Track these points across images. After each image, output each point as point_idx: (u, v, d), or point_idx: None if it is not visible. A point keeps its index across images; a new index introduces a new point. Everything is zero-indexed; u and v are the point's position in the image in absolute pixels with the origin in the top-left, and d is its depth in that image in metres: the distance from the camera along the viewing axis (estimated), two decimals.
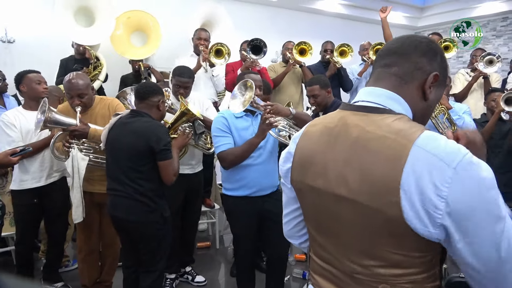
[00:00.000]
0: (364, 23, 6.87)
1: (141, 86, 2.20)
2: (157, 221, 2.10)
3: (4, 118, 2.44)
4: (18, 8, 4.16)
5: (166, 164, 2.07)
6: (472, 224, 0.72)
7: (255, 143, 2.15)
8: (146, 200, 2.05)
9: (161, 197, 2.13)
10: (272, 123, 2.09)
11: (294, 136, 1.03)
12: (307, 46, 4.06)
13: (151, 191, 2.07)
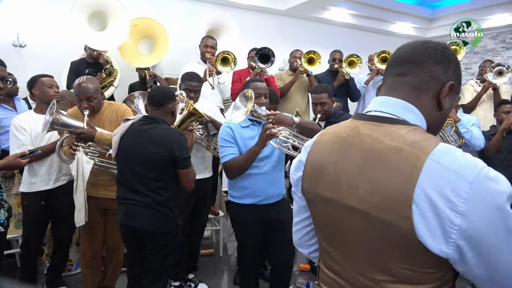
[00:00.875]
0: (372, 33, 6.89)
1: (156, 92, 2.12)
2: (172, 230, 2.09)
3: (15, 122, 2.50)
4: (30, 13, 4.23)
5: (187, 172, 2.06)
6: (490, 240, 0.70)
7: (255, 151, 2.14)
8: (164, 209, 2.03)
9: (176, 206, 2.12)
10: (272, 134, 2.07)
11: (305, 144, 1.02)
12: (316, 56, 4.07)
13: (170, 200, 2.05)
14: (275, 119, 2.15)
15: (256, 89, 2.26)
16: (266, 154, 2.22)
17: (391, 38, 7.04)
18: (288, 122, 2.22)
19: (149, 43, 4.50)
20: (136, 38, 4.30)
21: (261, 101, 2.26)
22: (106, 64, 3.87)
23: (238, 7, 5.52)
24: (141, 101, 3.10)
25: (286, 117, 2.23)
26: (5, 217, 1.89)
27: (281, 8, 5.72)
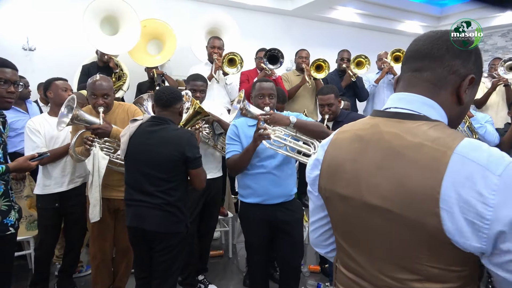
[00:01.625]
0: (380, 33, 6.85)
1: (163, 93, 2.10)
2: (182, 231, 2.08)
3: (30, 125, 2.54)
4: (39, 17, 4.29)
5: (199, 172, 2.06)
6: None
7: (249, 150, 2.14)
8: (175, 210, 2.01)
9: (186, 207, 2.12)
10: (263, 135, 2.06)
11: (322, 142, 1.00)
12: (324, 64, 4.03)
13: (180, 201, 2.04)
14: (270, 119, 2.12)
15: (261, 89, 2.26)
16: (270, 154, 2.20)
17: (399, 37, 6.99)
18: (284, 122, 2.17)
19: (157, 44, 4.54)
20: (145, 39, 4.33)
21: (265, 102, 2.24)
22: (116, 68, 3.91)
23: (245, 7, 5.53)
24: (150, 103, 3.10)
25: (281, 117, 2.17)
26: (15, 219, 1.90)
27: (288, 8, 5.72)
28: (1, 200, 1.83)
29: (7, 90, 1.75)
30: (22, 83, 1.91)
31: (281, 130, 2.19)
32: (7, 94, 1.76)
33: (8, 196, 1.87)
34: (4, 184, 1.85)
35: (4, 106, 1.81)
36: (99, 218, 2.29)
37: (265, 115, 2.13)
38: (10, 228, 1.85)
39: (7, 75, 1.75)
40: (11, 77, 1.77)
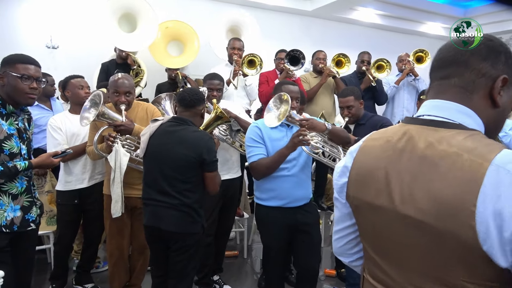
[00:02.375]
0: (401, 34, 6.72)
1: (188, 93, 2.12)
2: (198, 232, 2.09)
3: (52, 122, 2.61)
4: (63, 16, 4.37)
5: (214, 175, 2.07)
6: None
7: (285, 154, 2.11)
8: (191, 211, 2.03)
9: (202, 208, 2.13)
10: (305, 140, 2.04)
11: (350, 149, 0.98)
12: (345, 59, 3.98)
13: (196, 203, 2.05)
14: (309, 125, 2.12)
15: (289, 92, 2.23)
16: (294, 156, 2.19)
17: (420, 38, 6.85)
18: (321, 129, 2.19)
19: (178, 45, 4.58)
20: (165, 40, 4.37)
21: (293, 105, 2.23)
22: (134, 65, 3.95)
23: (263, 7, 5.51)
24: (168, 103, 3.12)
25: (318, 123, 2.20)
26: (37, 214, 1.94)
27: (307, 9, 5.67)
28: (24, 196, 1.86)
29: (29, 86, 1.77)
30: (46, 80, 1.94)
31: (318, 136, 2.20)
32: (30, 90, 1.78)
33: (30, 192, 1.90)
34: (27, 180, 1.89)
35: (27, 102, 1.83)
36: (120, 213, 2.32)
37: (304, 121, 2.13)
38: (31, 224, 1.89)
39: (30, 71, 1.78)
40: (34, 73, 1.79)
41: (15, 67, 1.76)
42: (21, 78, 1.75)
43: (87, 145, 2.56)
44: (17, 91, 1.77)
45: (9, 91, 1.77)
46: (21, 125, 1.89)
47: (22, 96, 1.78)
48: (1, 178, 1.73)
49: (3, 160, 1.75)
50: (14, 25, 4.20)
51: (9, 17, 4.19)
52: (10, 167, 1.75)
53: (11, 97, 1.79)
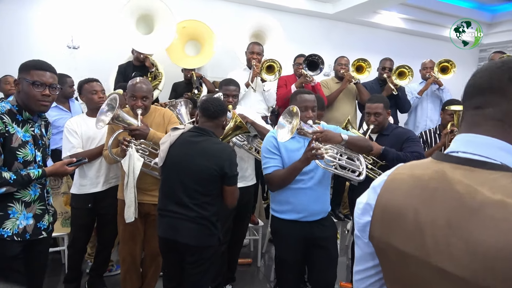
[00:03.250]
0: (425, 39, 6.55)
1: (211, 104, 2.05)
2: (214, 245, 2.04)
3: (68, 125, 2.61)
4: (84, 16, 4.40)
5: (233, 189, 2.02)
6: None
7: (298, 168, 2.04)
8: (209, 224, 1.98)
9: (220, 221, 2.08)
10: (317, 154, 1.96)
11: (374, 184, 0.89)
12: (365, 64, 3.87)
13: (214, 216, 2.00)
14: (322, 137, 2.03)
15: (304, 101, 2.17)
16: (311, 168, 2.11)
17: (445, 44, 6.63)
18: (336, 140, 2.09)
19: (196, 45, 4.54)
20: (183, 39, 4.34)
21: (308, 115, 2.16)
22: (152, 67, 3.93)
23: (284, 10, 5.43)
24: (183, 108, 3.09)
25: (334, 135, 2.08)
26: (49, 222, 1.91)
27: (328, 12, 5.57)
28: (37, 203, 1.84)
29: (42, 93, 1.75)
30: (61, 86, 1.91)
31: (333, 149, 2.10)
32: (42, 97, 1.75)
33: (43, 200, 1.88)
34: (41, 188, 1.86)
35: (39, 109, 1.80)
36: (133, 219, 2.30)
37: (317, 133, 2.03)
38: (43, 232, 1.86)
39: (43, 78, 1.75)
40: (47, 79, 1.76)
41: (29, 73, 1.74)
42: (33, 85, 1.73)
43: (104, 149, 2.54)
44: (30, 98, 1.74)
45: (23, 97, 1.76)
46: (37, 132, 1.87)
47: (34, 103, 1.76)
48: (14, 187, 1.70)
49: (17, 168, 1.73)
50: (36, 25, 4.25)
51: (31, 18, 4.24)
52: (23, 176, 1.72)
53: (25, 103, 1.77)
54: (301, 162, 2.03)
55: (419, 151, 2.40)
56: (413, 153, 2.38)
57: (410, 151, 2.39)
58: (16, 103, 1.77)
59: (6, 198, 1.71)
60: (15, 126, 1.73)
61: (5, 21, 4.13)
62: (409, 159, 2.33)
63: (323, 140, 2.03)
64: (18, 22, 4.18)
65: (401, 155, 2.38)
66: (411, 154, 2.37)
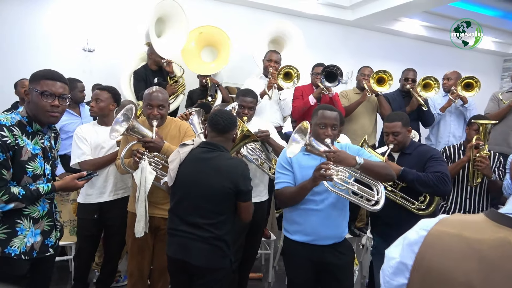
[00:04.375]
0: (447, 47, 6.33)
1: (221, 118, 1.94)
2: (225, 267, 1.95)
3: (78, 132, 2.57)
4: (100, 19, 4.38)
5: (248, 205, 1.94)
6: None
7: (306, 188, 1.94)
8: (222, 245, 1.89)
9: (232, 240, 1.99)
10: (325, 175, 1.84)
11: (408, 239, 0.77)
12: (387, 76, 3.69)
13: (228, 235, 1.92)
14: (334, 158, 1.89)
15: (323, 118, 2.05)
16: (324, 188, 1.96)
17: (468, 52, 6.43)
18: (349, 163, 1.93)
19: (212, 51, 4.48)
20: (200, 45, 4.28)
21: (327, 133, 2.03)
22: (173, 73, 3.88)
23: (301, 15, 5.33)
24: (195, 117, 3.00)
25: (346, 157, 1.93)
26: (56, 238, 1.84)
27: (348, 18, 5.43)
28: (45, 219, 1.77)
29: (51, 104, 1.68)
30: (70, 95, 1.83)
31: (345, 172, 1.97)
32: (51, 108, 1.69)
33: (51, 216, 1.81)
34: (49, 203, 1.80)
35: (48, 120, 1.73)
36: (143, 233, 2.23)
37: (329, 153, 1.91)
38: (50, 249, 1.79)
39: (52, 88, 1.68)
40: (57, 90, 1.69)
41: (39, 83, 1.67)
42: (42, 95, 1.66)
43: (117, 158, 2.49)
44: (39, 109, 1.68)
45: (32, 108, 1.69)
46: (47, 144, 1.80)
47: (43, 114, 1.69)
48: (23, 203, 1.63)
49: (26, 182, 1.67)
50: (52, 28, 4.24)
51: (47, 21, 4.23)
52: (32, 191, 1.66)
53: (35, 114, 1.70)
54: (309, 182, 1.93)
55: (443, 171, 2.24)
56: (435, 173, 2.22)
57: (433, 172, 2.24)
58: (26, 114, 1.71)
59: (14, 214, 1.64)
60: (25, 139, 1.67)
61: (21, 24, 4.13)
62: (431, 181, 2.19)
63: (334, 161, 1.90)
64: (34, 25, 4.18)
65: (422, 176, 2.23)
66: (433, 175, 2.22)
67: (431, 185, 2.18)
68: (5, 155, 1.57)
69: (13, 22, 4.10)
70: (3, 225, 1.63)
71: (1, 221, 1.63)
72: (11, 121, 1.64)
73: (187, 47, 4.17)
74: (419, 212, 2.32)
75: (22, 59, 4.08)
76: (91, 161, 2.52)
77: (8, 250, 1.62)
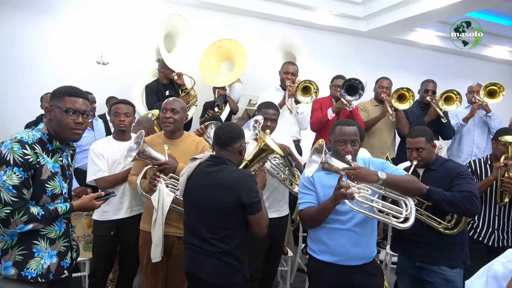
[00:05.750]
0: (462, 57, 6.26)
1: (222, 131, 1.95)
2: (238, 283, 1.88)
3: (94, 148, 2.53)
4: (114, 33, 4.41)
5: (258, 217, 1.85)
6: None
7: (328, 208, 1.88)
8: (231, 260, 1.84)
9: (245, 255, 1.92)
10: (346, 194, 1.77)
11: (495, 272, 0.70)
12: (409, 94, 3.59)
13: (237, 249, 1.85)
14: (354, 175, 1.82)
15: (342, 134, 1.98)
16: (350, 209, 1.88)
17: (486, 63, 6.34)
18: (371, 179, 1.85)
19: (230, 64, 4.49)
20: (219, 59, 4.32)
21: (346, 149, 1.96)
22: (184, 85, 3.89)
23: (316, 27, 5.31)
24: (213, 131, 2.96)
25: (367, 173, 1.85)
26: (72, 259, 1.79)
27: (362, 29, 5.39)
28: (61, 240, 1.71)
29: (75, 121, 1.65)
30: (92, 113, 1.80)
31: (367, 189, 1.88)
32: (75, 125, 1.66)
33: (68, 236, 1.75)
34: (66, 223, 1.74)
35: (72, 137, 1.71)
36: (160, 259, 2.21)
37: (349, 170, 1.83)
38: (65, 271, 1.73)
39: (76, 105, 1.65)
40: (80, 107, 1.67)
41: (62, 100, 1.64)
42: (66, 112, 1.63)
43: (130, 173, 2.47)
44: (62, 126, 1.64)
45: (55, 126, 1.66)
46: (65, 161, 1.76)
47: (67, 132, 1.66)
48: (41, 223, 1.58)
49: (45, 202, 1.62)
50: (67, 41, 4.28)
51: (62, 34, 4.26)
52: (51, 211, 1.61)
53: (57, 132, 1.67)
54: (330, 201, 1.86)
55: (471, 190, 2.12)
56: (463, 192, 2.10)
57: (460, 190, 2.12)
58: (46, 131, 1.67)
59: (31, 234, 1.59)
60: (45, 157, 1.63)
61: (36, 37, 4.17)
62: (459, 201, 2.07)
63: (355, 178, 1.83)
64: (49, 37, 4.21)
65: (449, 196, 2.11)
66: (460, 194, 2.10)
67: (458, 205, 2.07)
68: (26, 173, 1.54)
69: (28, 35, 4.14)
70: (19, 246, 1.58)
71: (17, 242, 1.58)
72: (32, 139, 1.60)
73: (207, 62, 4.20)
74: (446, 232, 2.21)
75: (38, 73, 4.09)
76: (108, 177, 2.48)
77: (24, 273, 1.57)
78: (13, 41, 4.08)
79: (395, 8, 4.77)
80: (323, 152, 1.84)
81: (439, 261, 2.18)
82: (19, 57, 4.10)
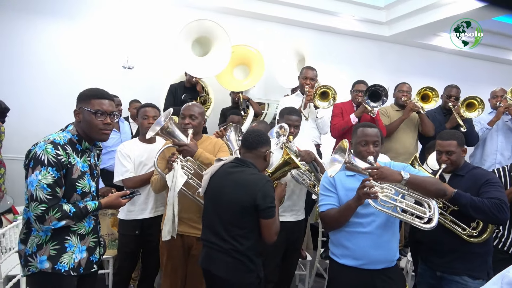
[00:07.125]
0: (488, 62, 6.12)
1: (250, 135, 2.04)
2: (252, 283, 1.92)
3: (122, 149, 2.61)
4: (140, 37, 4.53)
5: (269, 223, 1.89)
6: None
7: (351, 207, 1.89)
8: (244, 259, 1.88)
9: (258, 256, 1.96)
10: (369, 193, 1.78)
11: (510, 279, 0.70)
12: (433, 94, 3.55)
13: (251, 250, 1.90)
14: (378, 174, 1.83)
15: (365, 135, 2.00)
16: (372, 211, 1.90)
17: (508, 67, 6.17)
18: (394, 179, 1.86)
19: (244, 69, 4.52)
20: (232, 64, 4.33)
21: (369, 150, 1.98)
22: (202, 92, 3.93)
23: (338, 32, 5.30)
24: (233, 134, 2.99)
25: (391, 173, 1.87)
26: (100, 254, 1.88)
27: (384, 34, 5.35)
28: (90, 236, 1.80)
29: (103, 122, 1.74)
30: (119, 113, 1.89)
31: (390, 188, 1.89)
32: (104, 126, 1.75)
33: (96, 232, 1.85)
34: (94, 219, 1.84)
35: (101, 138, 1.79)
36: (169, 237, 2.24)
37: (372, 169, 1.84)
38: (94, 265, 1.82)
39: (104, 107, 1.74)
40: (107, 108, 1.75)
41: (90, 103, 1.73)
42: (95, 114, 1.72)
43: (154, 174, 2.51)
44: (92, 127, 1.73)
45: (84, 127, 1.75)
46: (93, 161, 1.86)
47: (96, 132, 1.75)
48: (72, 220, 1.67)
49: (75, 200, 1.71)
50: (94, 45, 4.40)
51: (89, 38, 4.39)
52: (81, 208, 1.70)
53: (86, 133, 1.76)
54: (353, 201, 1.87)
55: (500, 197, 2.08)
56: (492, 199, 2.06)
57: (489, 197, 2.08)
58: (76, 132, 1.76)
59: (63, 230, 1.68)
60: (75, 157, 1.72)
61: (63, 41, 4.31)
62: (487, 207, 2.03)
63: (378, 178, 1.85)
64: (76, 42, 4.34)
65: (477, 201, 2.07)
66: (489, 200, 2.06)
67: (486, 211, 2.02)
68: (59, 173, 1.63)
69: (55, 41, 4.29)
70: (53, 241, 1.67)
71: (51, 237, 1.67)
72: (63, 140, 1.69)
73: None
74: (470, 239, 2.16)
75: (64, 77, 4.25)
76: (134, 178, 2.55)
77: (58, 266, 1.66)
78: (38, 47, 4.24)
79: (419, 12, 4.71)
80: (347, 151, 1.85)
81: (460, 270, 2.14)
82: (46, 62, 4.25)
